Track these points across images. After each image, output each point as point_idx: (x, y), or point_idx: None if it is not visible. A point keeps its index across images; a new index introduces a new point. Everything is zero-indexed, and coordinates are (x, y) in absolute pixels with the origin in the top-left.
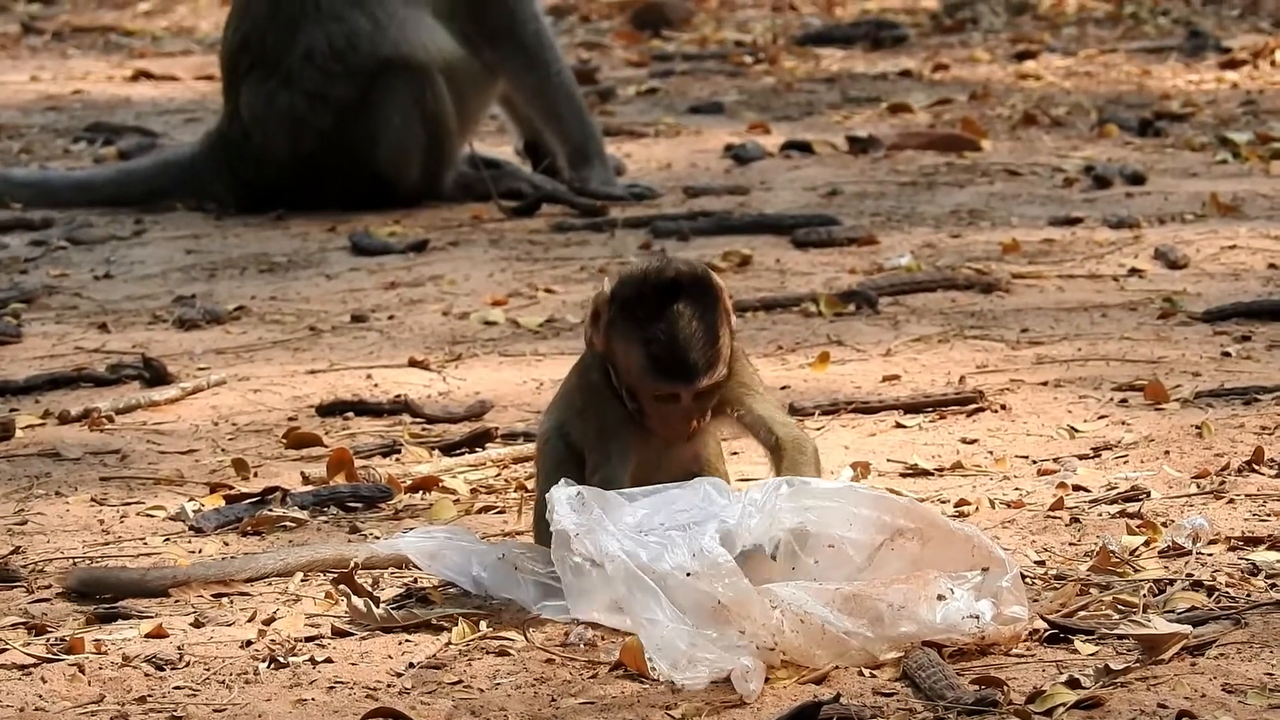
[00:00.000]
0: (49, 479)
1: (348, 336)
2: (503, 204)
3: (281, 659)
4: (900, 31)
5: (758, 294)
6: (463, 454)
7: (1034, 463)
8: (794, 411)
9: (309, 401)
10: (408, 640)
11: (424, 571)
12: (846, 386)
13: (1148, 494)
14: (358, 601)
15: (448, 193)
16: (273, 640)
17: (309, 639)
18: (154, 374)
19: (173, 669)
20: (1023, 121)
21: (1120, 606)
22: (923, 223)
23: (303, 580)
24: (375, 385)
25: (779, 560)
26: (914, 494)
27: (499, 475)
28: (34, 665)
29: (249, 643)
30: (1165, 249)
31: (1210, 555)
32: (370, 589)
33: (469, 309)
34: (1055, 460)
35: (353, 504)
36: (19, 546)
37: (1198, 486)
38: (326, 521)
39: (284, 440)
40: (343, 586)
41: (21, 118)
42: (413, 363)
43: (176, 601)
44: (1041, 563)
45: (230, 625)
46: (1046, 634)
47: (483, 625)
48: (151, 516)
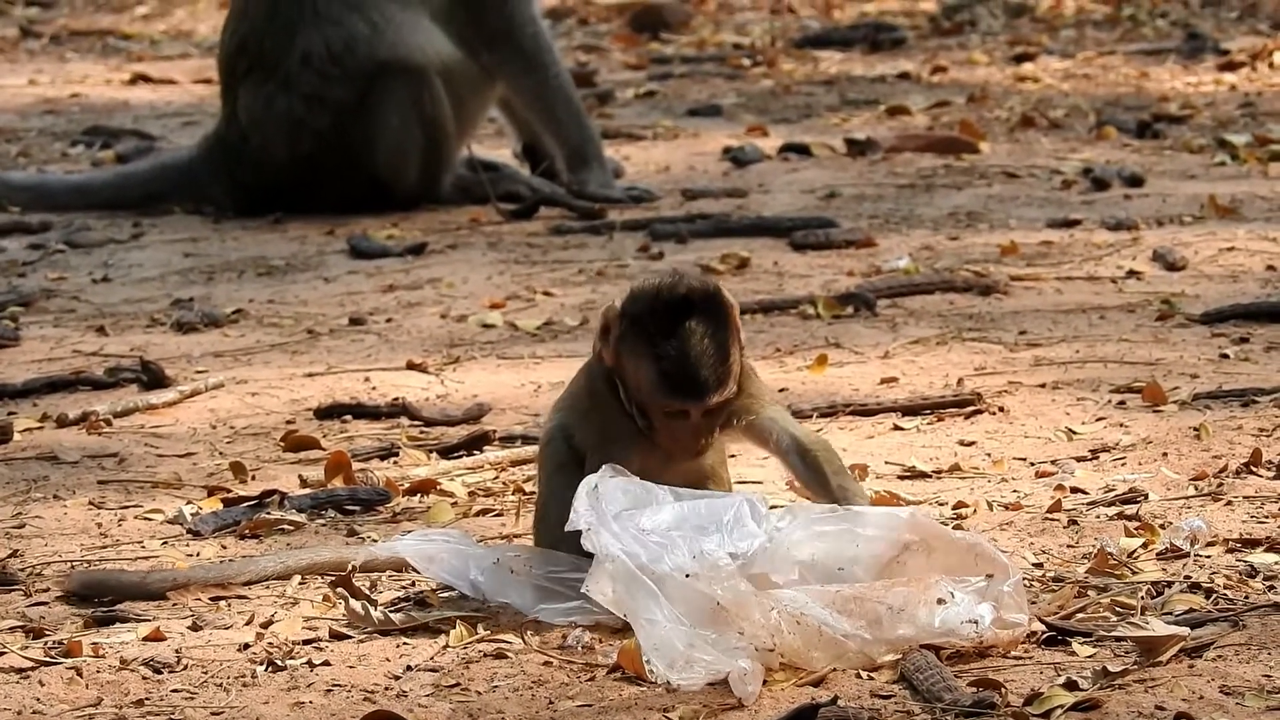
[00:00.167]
0: (47, 482)
1: (346, 339)
2: (501, 207)
3: (279, 662)
4: (898, 34)
5: (756, 296)
6: (461, 457)
7: (1032, 465)
8: (792, 414)
9: (307, 404)
10: (405, 643)
11: (422, 575)
12: (844, 389)
13: (1146, 496)
14: (355, 604)
15: (446, 195)
16: (270, 643)
17: (307, 642)
18: (152, 377)
19: (170, 672)
20: (1021, 124)
21: (1118, 608)
22: (921, 225)
23: (300, 583)
24: (373, 388)
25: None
26: (912, 496)
27: (497, 478)
28: (32, 668)
29: (247, 646)
30: (1163, 251)
31: (1208, 557)
32: (368, 592)
33: (467, 312)
34: (1053, 462)
35: (350, 507)
36: (17, 550)
37: (1196, 488)
38: (324, 524)
39: (282, 443)
40: (340, 589)
41: (19, 121)
42: (411, 366)
43: (174, 605)
44: (1039, 565)
45: (228, 628)
46: (1044, 636)
47: (480, 628)
48: (149, 520)
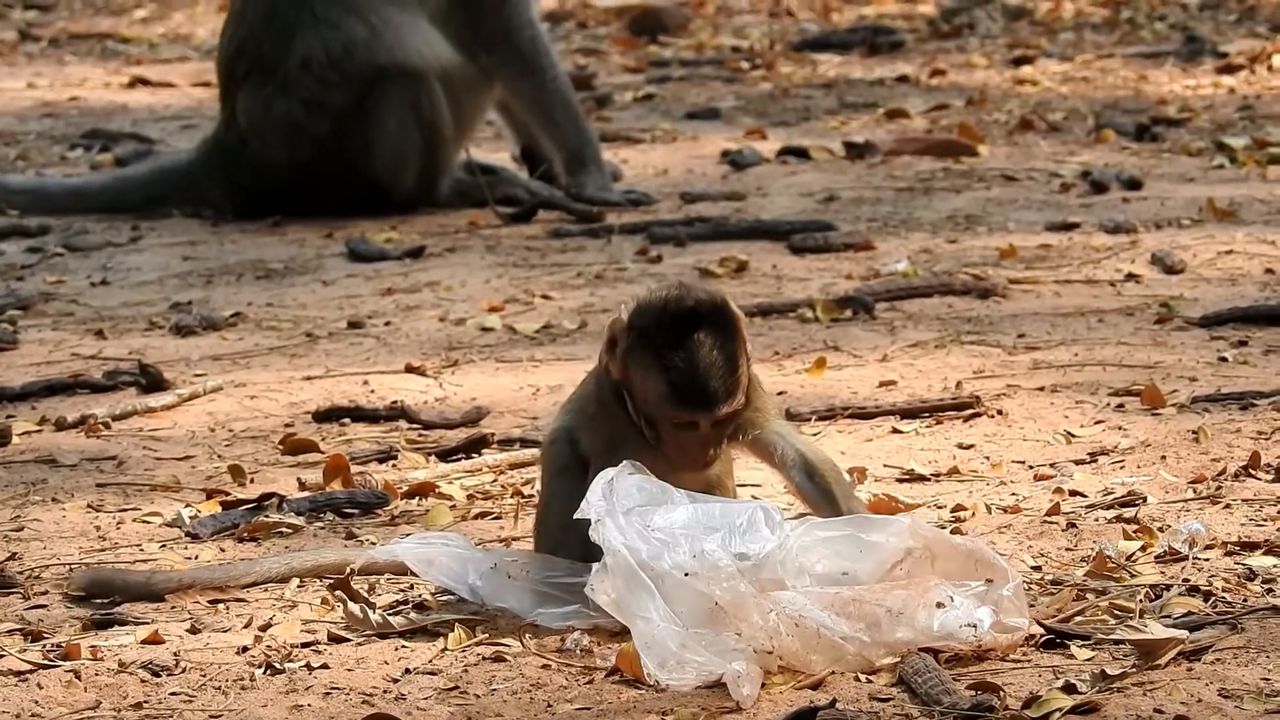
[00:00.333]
0: (45, 485)
1: (344, 343)
2: (499, 210)
3: (278, 665)
4: (897, 37)
5: (754, 300)
6: (459, 460)
7: (1030, 468)
8: (790, 417)
9: (305, 408)
10: (404, 646)
11: (421, 578)
12: (843, 392)
13: (1144, 499)
14: (354, 607)
15: (444, 199)
16: (269, 646)
17: (305, 645)
18: (150, 380)
19: (169, 675)
20: (1019, 127)
21: (1117, 611)
22: (919, 228)
23: (299, 586)
24: (372, 391)
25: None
26: (910, 499)
27: (495, 481)
28: (30, 671)
29: (245, 649)
30: (1162, 254)
31: (1207, 560)
32: (367, 595)
33: (465, 315)
34: (1052, 465)
35: (349, 510)
36: (15, 553)
37: (1194, 491)
38: (323, 527)
39: (280, 446)
40: (339, 592)
41: (18, 124)
42: (409, 369)
43: (173, 608)
44: (1038, 568)
45: (226, 631)
46: (1043, 639)
47: (479, 631)
48: (148, 523)
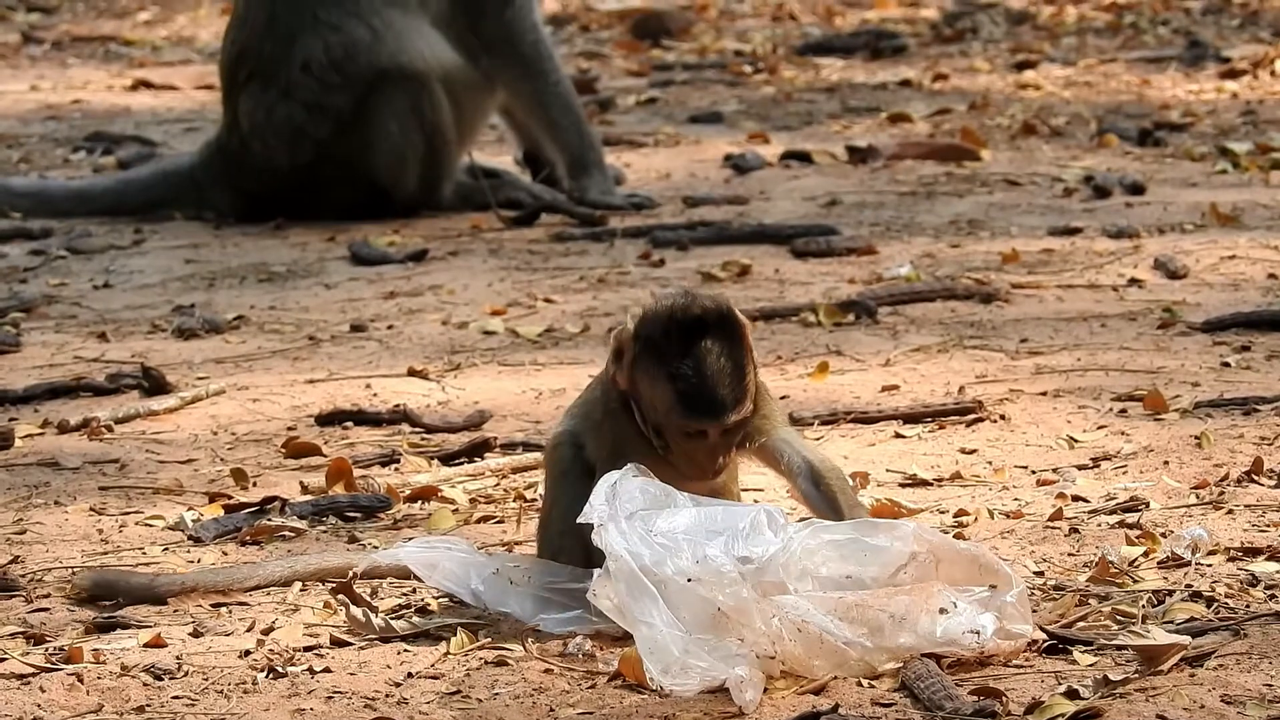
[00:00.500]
0: (48, 488)
1: (347, 346)
2: (502, 214)
3: (280, 669)
4: (900, 41)
5: (757, 304)
6: (462, 464)
7: (1033, 473)
8: (793, 421)
9: (308, 411)
10: (406, 650)
11: (424, 582)
12: (845, 396)
13: (1147, 504)
14: (356, 611)
15: (447, 202)
16: (271, 650)
17: (307, 649)
18: (153, 383)
19: (171, 679)
20: (1022, 131)
21: (1119, 617)
22: (922, 232)
23: (301, 590)
24: (374, 395)
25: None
26: (913, 504)
27: (498, 485)
28: (33, 674)
29: (247, 652)
30: (1165, 259)
31: (1209, 566)
32: (369, 599)
33: (468, 319)
34: (1054, 470)
35: (351, 514)
36: (18, 556)
37: (1197, 497)
38: (325, 531)
39: (283, 450)
40: (341, 596)
41: (21, 127)
42: (412, 372)
43: (175, 611)
44: (1040, 573)
45: (229, 635)
46: (1045, 644)
47: (482, 635)
48: (150, 526)
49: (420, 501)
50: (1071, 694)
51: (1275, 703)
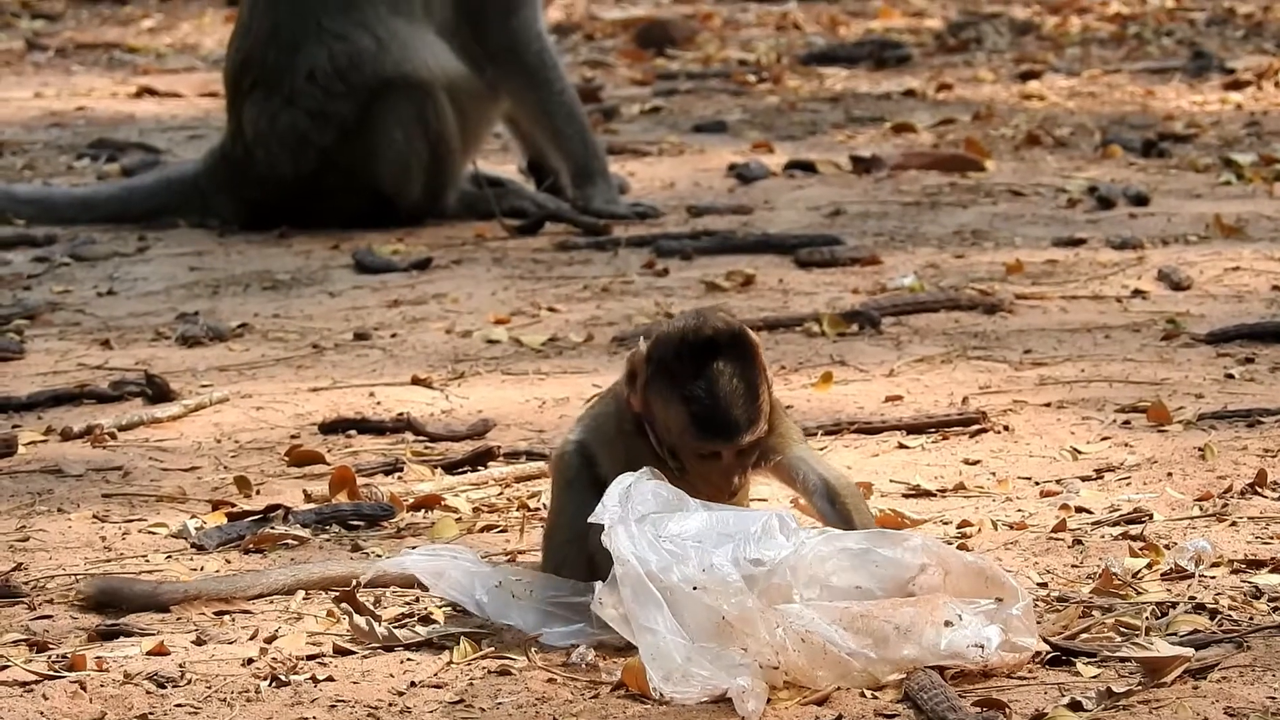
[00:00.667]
0: (51, 495)
1: (350, 354)
2: (506, 222)
3: (283, 677)
4: (904, 51)
5: (761, 314)
6: (465, 472)
7: (1037, 484)
8: None
9: (311, 419)
10: (409, 659)
11: (430, 591)
12: (849, 407)
13: (1150, 516)
14: (359, 620)
15: (451, 211)
16: (274, 658)
17: (310, 657)
18: (157, 391)
19: (174, 687)
20: (1026, 142)
21: (1123, 629)
22: (926, 243)
23: (305, 598)
24: (378, 403)
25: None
26: (917, 515)
27: (501, 494)
28: (35, 682)
29: (251, 661)
30: (1169, 270)
31: (1213, 578)
32: (372, 608)
33: (472, 327)
34: (1058, 482)
35: (355, 522)
36: (21, 563)
37: (1200, 509)
38: (329, 539)
39: (286, 458)
40: (344, 605)
41: (25, 134)
42: (415, 381)
43: (178, 619)
44: (1044, 584)
45: (232, 643)
46: (1049, 656)
47: (485, 645)
48: (154, 534)
49: (423, 510)
50: (1075, 706)
51: (1278, 715)
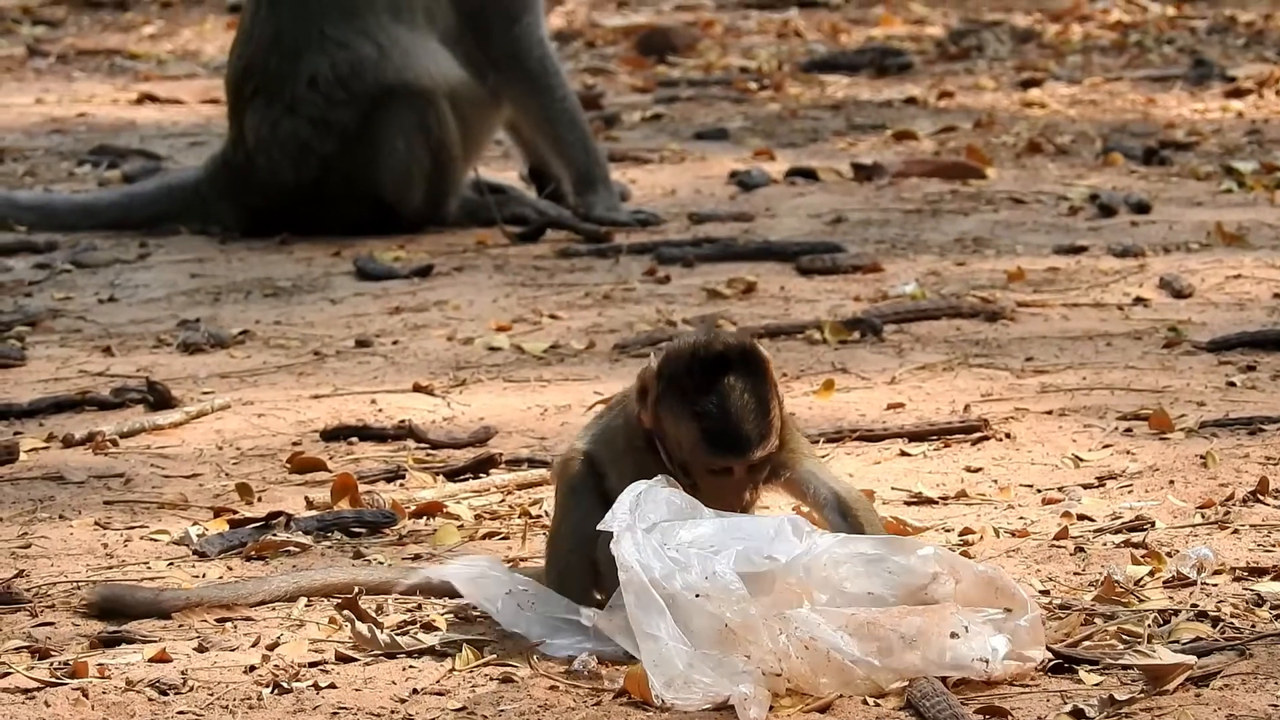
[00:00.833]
0: (53, 502)
1: (352, 361)
2: (507, 229)
3: (285, 684)
4: (905, 59)
5: (762, 321)
6: (467, 479)
7: (1038, 491)
8: None
9: (313, 426)
10: (412, 666)
11: (465, 598)
12: (851, 414)
13: (1152, 524)
14: (361, 627)
15: (452, 218)
16: (276, 665)
17: (313, 664)
18: (158, 398)
19: (176, 694)
20: (1028, 149)
21: (1125, 636)
22: (928, 250)
23: (307, 605)
24: (379, 410)
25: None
26: (919, 522)
27: (503, 501)
28: (37, 689)
29: (253, 668)
30: (1170, 278)
31: (1215, 586)
32: (374, 615)
33: (473, 334)
34: (1060, 489)
35: (356, 529)
36: (23, 570)
37: (1202, 516)
38: (330, 547)
39: (288, 465)
40: (347, 612)
41: (26, 140)
42: (417, 388)
43: (180, 626)
44: (1046, 592)
45: (234, 650)
46: (1051, 664)
47: (487, 652)
48: (155, 540)
49: (425, 517)
50: (1077, 714)
51: None
